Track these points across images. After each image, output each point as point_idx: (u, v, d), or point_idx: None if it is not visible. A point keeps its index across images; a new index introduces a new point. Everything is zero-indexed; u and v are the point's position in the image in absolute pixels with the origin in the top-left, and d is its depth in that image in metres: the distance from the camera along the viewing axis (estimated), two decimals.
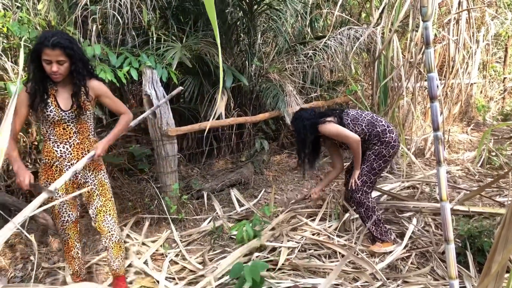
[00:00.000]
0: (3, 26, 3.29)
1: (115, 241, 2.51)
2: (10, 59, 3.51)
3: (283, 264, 2.84)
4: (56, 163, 2.28)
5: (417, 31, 4.58)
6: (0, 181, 3.52)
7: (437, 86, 4.93)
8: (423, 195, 3.98)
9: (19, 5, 3.82)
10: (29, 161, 3.79)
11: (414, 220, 3.36)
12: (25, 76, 3.24)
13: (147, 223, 3.62)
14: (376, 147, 3.05)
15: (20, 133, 3.72)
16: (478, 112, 7.20)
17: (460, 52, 5.29)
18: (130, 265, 2.97)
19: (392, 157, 3.09)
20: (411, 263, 2.87)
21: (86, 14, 3.89)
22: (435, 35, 5.70)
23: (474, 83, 6.98)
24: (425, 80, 5.12)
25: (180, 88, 2.96)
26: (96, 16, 3.81)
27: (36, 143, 3.76)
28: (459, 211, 3.41)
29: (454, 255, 1.37)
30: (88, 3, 3.73)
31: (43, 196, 1.51)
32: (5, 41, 3.60)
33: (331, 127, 3.10)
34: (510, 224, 1.06)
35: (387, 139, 3.02)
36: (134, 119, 2.62)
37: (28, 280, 2.80)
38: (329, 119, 3.13)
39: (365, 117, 3.11)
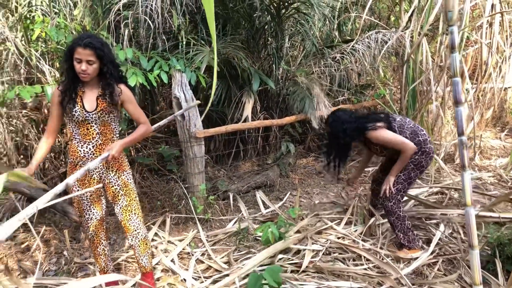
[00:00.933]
0: (42, 31, 3.46)
1: (141, 238, 2.58)
2: (47, 63, 3.68)
3: (307, 266, 2.86)
4: (80, 163, 2.34)
5: (447, 34, 4.50)
6: (37, 179, 3.68)
7: (468, 90, 4.82)
8: (452, 201, 3.90)
9: (57, 11, 4.00)
10: (63, 159, 3.95)
11: (441, 227, 3.30)
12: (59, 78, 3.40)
13: (172, 222, 3.71)
14: (417, 157, 2.94)
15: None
16: None
17: (493, 56, 5.15)
18: (158, 263, 3.05)
19: (427, 167, 3.01)
20: (438, 269, 2.83)
21: (118, 19, 4.02)
22: (468, 38, 5.57)
23: (509, 87, 6.76)
24: None
25: (197, 101, 3.04)
26: (128, 21, 3.93)
27: (70, 143, 3.91)
28: (491, 217, 3.33)
29: (478, 261, 1.36)
30: (121, 8, 3.87)
31: (55, 190, 1.59)
32: (43, 45, 3.77)
33: (384, 133, 2.95)
34: None
35: (427, 150, 2.94)
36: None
37: (61, 274, 2.92)
38: (379, 124, 2.97)
39: (409, 125, 3.02)
